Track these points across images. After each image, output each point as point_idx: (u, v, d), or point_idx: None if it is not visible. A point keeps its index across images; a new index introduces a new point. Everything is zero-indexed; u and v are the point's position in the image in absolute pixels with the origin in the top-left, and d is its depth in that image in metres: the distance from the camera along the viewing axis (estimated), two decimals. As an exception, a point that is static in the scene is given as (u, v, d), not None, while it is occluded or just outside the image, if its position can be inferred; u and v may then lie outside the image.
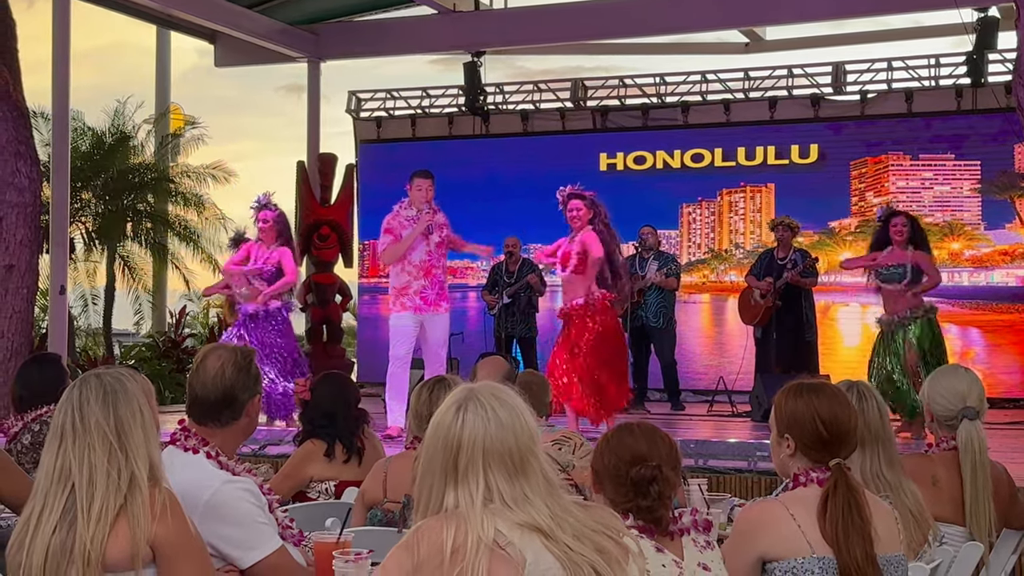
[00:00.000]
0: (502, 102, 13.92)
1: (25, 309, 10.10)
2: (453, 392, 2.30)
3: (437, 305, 8.72)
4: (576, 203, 8.36)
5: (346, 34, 13.87)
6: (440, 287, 8.75)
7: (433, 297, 8.69)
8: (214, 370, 3.23)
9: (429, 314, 8.69)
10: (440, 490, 2.22)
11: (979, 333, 12.15)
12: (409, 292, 8.67)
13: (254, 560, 3.09)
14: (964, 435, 3.89)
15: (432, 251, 8.67)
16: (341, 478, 4.85)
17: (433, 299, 8.69)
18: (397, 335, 8.78)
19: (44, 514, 2.75)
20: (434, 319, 8.72)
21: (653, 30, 13.28)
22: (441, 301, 8.76)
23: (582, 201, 8.35)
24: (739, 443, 7.74)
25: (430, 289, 8.67)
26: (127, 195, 16.32)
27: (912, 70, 12.35)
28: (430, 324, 8.72)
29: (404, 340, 8.76)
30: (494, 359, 5.50)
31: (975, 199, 12.16)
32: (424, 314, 8.68)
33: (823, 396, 2.99)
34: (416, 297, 8.66)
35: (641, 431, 2.82)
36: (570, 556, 2.17)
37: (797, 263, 10.17)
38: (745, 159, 12.88)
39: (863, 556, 2.82)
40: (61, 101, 10.91)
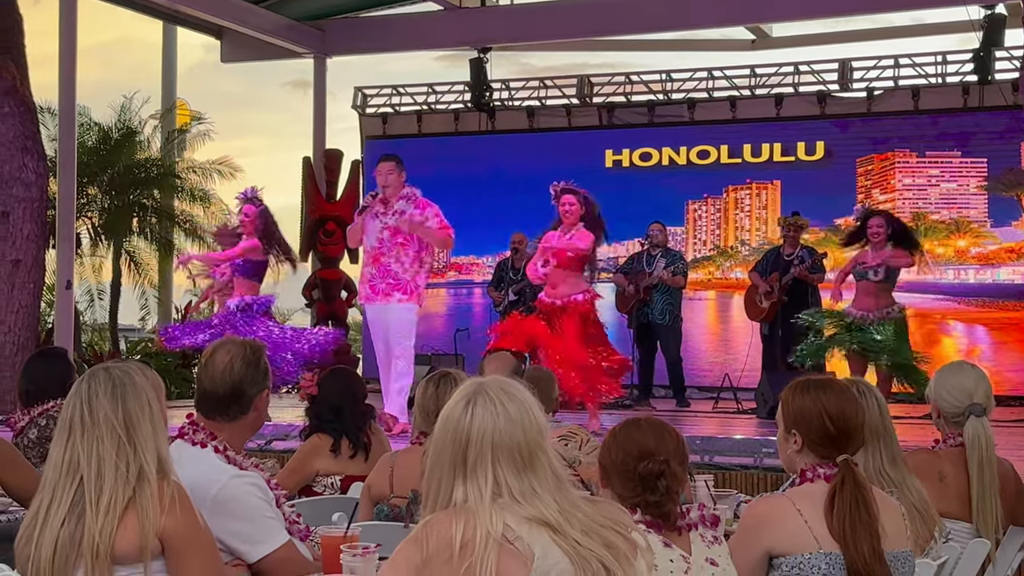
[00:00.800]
0: (508, 98, 13.91)
1: (32, 304, 10.13)
2: (462, 386, 2.31)
3: (387, 295, 8.25)
4: (569, 198, 8.31)
5: (352, 30, 13.86)
6: (391, 277, 8.25)
7: (383, 287, 8.26)
8: (223, 365, 3.23)
9: (379, 304, 8.28)
10: (449, 484, 2.22)
11: (985, 331, 12.14)
12: (363, 280, 8.43)
13: (261, 554, 3.10)
14: (971, 432, 3.89)
15: (384, 239, 8.24)
16: (347, 473, 4.85)
17: (382, 289, 8.26)
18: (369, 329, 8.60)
19: (52, 507, 2.75)
20: (385, 310, 8.28)
21: (659, 27, 13.28)
22: (393, 291, 8.23)
23: (575, 196, 8.31)
24: (745, 439, 7.73)
25: (378, 278, 8.27)
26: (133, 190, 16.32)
27: (919, 67, 12.33)
28: (383, 315, 8.31)
29: (374, 334, 8.47)
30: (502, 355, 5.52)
31: (981, 196, 12.15)
32: (371, 304, 8.34)
33: (830, 392, 2.99)
34: (365, 286, 8.39)
35: (649, 426, 2.82)
36: (578, 551, 2.17)
37: (804, 260, 10.17)
38: (751, 156, 12.88)
39: (870, 552, 2.82)
40: (68, 96, 10.91)
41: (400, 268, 8.27)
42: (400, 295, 8.25)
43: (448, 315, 14.04)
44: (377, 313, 8.38)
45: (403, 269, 8.27)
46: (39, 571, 2.73)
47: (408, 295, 8.26)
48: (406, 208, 8.26)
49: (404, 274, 8.26)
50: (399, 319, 8.31)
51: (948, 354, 11.46)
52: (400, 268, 8.27)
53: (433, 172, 12.99)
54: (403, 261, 8.26)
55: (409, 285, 8.26)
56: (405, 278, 8.26)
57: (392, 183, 8.25)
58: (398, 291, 8.25)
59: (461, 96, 13.97)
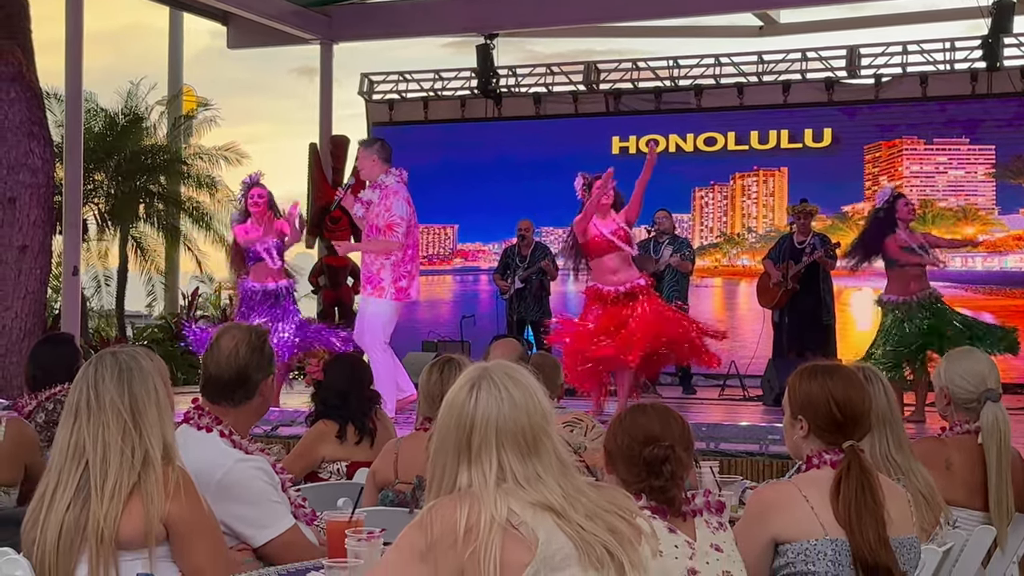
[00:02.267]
0: (514, 85, 13.88)
1: (38, 290, 10.13)
2: (466, 371, 2.30)
3: (364, 287, 8.33)
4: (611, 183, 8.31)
5: (358, 16, 13.84)
6: (365, 268, 8.25)
7: (363, 278, 8.34)
8: (228, 350, 3.24)
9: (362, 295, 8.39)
10: (453, 469, 2.22)
11: (992, 318, 12.10)
12: None
13: (267, 538, 3.10)
14: (990, 417, 3.87)
15: (365, 230, 8.26)
16: (353, 459, 4.86)
17: (363, 280, 8.34)
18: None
19: (58, 491, 2.76)
20: (363, 300, 8.37)
21: (666, 13, 13.24)
22: (367, 284, 8.22)
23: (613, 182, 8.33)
24: (751, 426, 7.73)
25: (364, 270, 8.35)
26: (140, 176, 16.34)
27: (927, 54, 12.28)
28: (362, 304, 8.38)
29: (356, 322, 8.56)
30: (507, 341, 5.50)
31: (989, 184, 12.11)
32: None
33: (837, 378, 2.98)
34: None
35: (654, 411, 2.81)
36: (583, 536, 2.17)
37: (816, 247, 10.13)
38: (758, 143, 12.85)
39: (876, 538, 2.81)
40: (74, 82, 10.92)
41: (369, 259, 8.23)
42: (370, 287, 8.18)
43: (454, 302, 14.05)
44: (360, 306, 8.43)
45: (370, 260, 8.21)
46: (44, 555, 2.74)
47: (374, 288, 8.14)
48: (373, 198, 8.15)
49: (371, 265, 8.17)
50: (367, 311, 8.28)
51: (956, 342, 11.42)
52: (369, 259, 8.23)
53: (439, 159, 13.01)
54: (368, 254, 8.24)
55: (374, 278, 8.15)
56: (372, 270, 8.16)
57: (366, 170, 8.15)
58: (368, 284, 8.21)
59: (468, 83, 13.95)
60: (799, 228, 10.37)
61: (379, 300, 8.13)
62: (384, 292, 8.11)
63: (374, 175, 8.19)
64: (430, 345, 12.33)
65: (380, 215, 8.07)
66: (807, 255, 10.11)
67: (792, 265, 10.18)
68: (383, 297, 8.13)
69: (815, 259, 10.04)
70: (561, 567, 2.14)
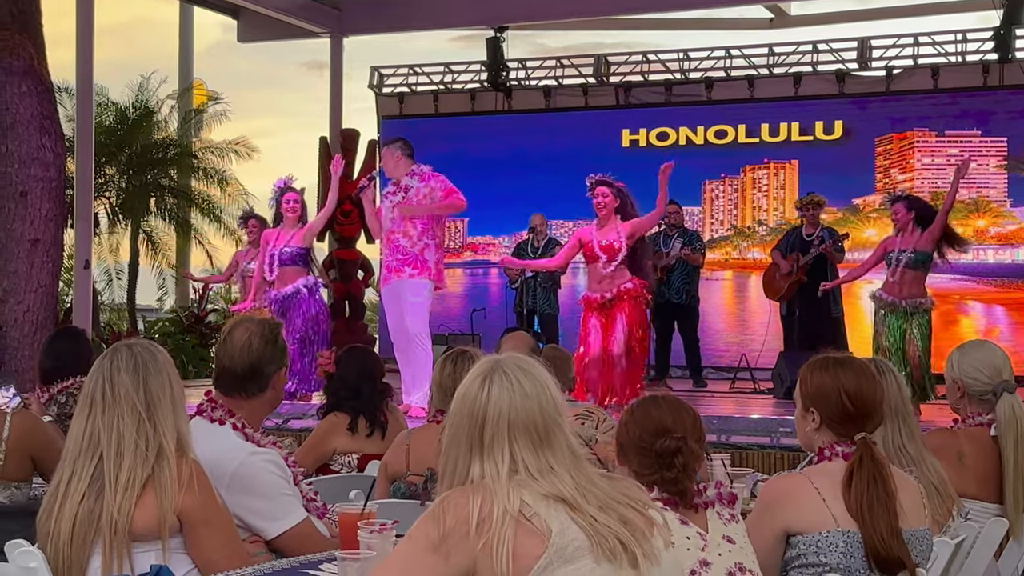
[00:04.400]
0: (525, 78, 13.88)
1: (50, 283, 10.16)
2: (478, 363, 2.30)
3: (399, 272, 8.22)
4: (603, 189, 8.20)
5: (368, 9, 13.83)
6: (400, 252, 8.21)
7: (394, 264, 8.26)
8: (241, 342, 3.24)
9: (394, 282, 8.26)
10: (466, 461, 2.22)
11: (1004, 311, 12.09)
12: (381, 266, 8.48)
13: (280, 531, 3.11)
14: (1006, 408, 3.86)
15: (395, 217, 8.23)
16: (364, 451, 4.86)
17: (394, 266, 8.26)
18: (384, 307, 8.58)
19: (72, 482, 2.77)
20: (400, 286, 8.25)
21: (677, 5, 13.23)
22: (403, 267, 8.19)
23: (609, 188, 8.21)
24: (762, 419, 7.73)
25: (389, 256, 8.29)
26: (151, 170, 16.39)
27: (939, 45, 12.24)
28: (399, 291, 8.27)
29: (389, 312, 8.46)
30: (519, 334, 5.50)
31: (1001, 176, 12.07)
32: (389, 284, 8.33)
33: (849, 370, 2.98)
34: (384, 267, 8.42)
35: (666, 403, 2.81)
36: (595, 527, 2.17)
37: (825, 240, 10.10)
38: (769, 135, 12.82)
39: (888, 530, 2.81)
40: (85, 76, 10.93)
41: (408, 242, 8.21)
42: (410, 270, 8.18)
43: (465, 295, 14.05)
44: (389, 292, 8.34)
45: (410, 243, 8.20)
46: (58, 546, 2.75)
47: (418, 269, 8.18)
48: (412, 184, 8.22)
49: (412, 248, 8.19)
50: (411, 293, 8.23)
51: (967, 334, 11.43)
52: (408, 242, 8.21)
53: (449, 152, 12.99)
54: (411, 235, 8.20)
55: (418, 259, 8.18)
56: (413, 252, 8.18)
57: (390, 168, 8.24)
58: (407, 266, 8.19)
59: (478, 76, 13.94)
60: (808, 220, 10.34)
61: (422, 280, 8.18)
62: (430, 272, 8.19)
63: (399, 172, 8.27)
64: (440, 338, 12.32)
65: (431, 192, 8.16)
66: (815, 247, 10.08)
67: (800, 256, 10.16)
68: (429, 277, 8.20)
69: (822, 251, 10.01)
70: (574, 559, 2.14)
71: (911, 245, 8.57)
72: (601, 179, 8.21)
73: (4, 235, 9.98)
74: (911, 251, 8.54)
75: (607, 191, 8.10)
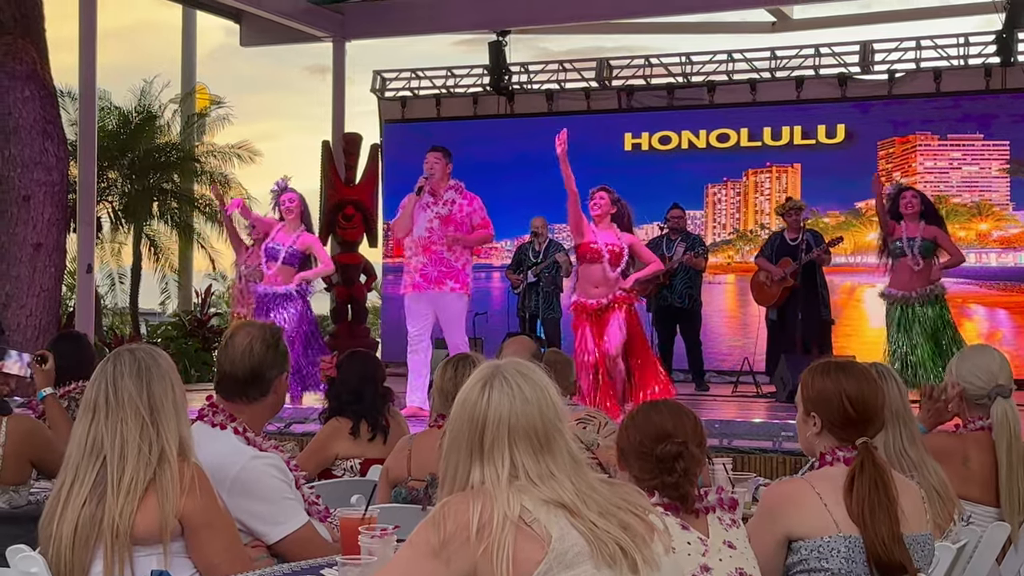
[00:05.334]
0: (527, 82, 13.89)
1: (53, 287, 10.18)
2: (479, 368, 2.30)
3: (440, 283, 8.35)
4: (602, 194, 8.23)
5: (371, 13, 13.85)
6: (444, 264, 8.36)
7: (434, 275, 8.36)
8: (242, 347, 3.24)
9: (432, 292, 8.37)
10: (466, 467, 2.22)
11: (1007, 314, 12.08)
12: (411, 269, 8.49)
13: (281, 535, 3.11)
14: (999, 413, 3.88)
15: (433, 227, 8.33)
16: (366, 456, 4.86)
17: (434, 277, 8.36)
18: (408, 313, 8.63)
19: (75, 487, 2.77)
20: (439, 298, 8.39)
21: (679, 9, 13.23)
22: (445, 279, 8.36)
23: (608, 194, 8.25)
24: (764, 423, 7.72)
25: (430, 266, 8.36)
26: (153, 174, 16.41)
27: (941, 49, 12.24)
28: (436, 303, 8.41)
29: (412, 319, 8.54)
30: (520, 339, 5.50)
31: (1003, 179, 12.07)
32: (424, 292, 8.40)
33: (850, 375, 2.98)
34: (416, 275, 8.44)
35: (667, 408, 2.81)
36: (595, 533, 2.17)
37: (811, 243, 10.07)
38: (771, 139, 12.83)
39: (889, 535, 2.81)
40: (88, 80, 10.94)
41: (452, 256, 8.41)
42: (452, 283, 8.40)
43: (467, 299, 14.04)
44: (426, 301, 8.45)
45: (454, 257, 8.42)
46: (60, 550, 2.75)
47: (460, 284, 8.44)
48: (455, 198, 8.45)
49: (455, 262, 8.42)
50: (454, 308, 8.48)
51: (969, 338, 11.39)
52: (452, 256, 8.41)
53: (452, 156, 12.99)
54: (455, 249, 8.41)
55: (460, 274, 8.44)
56: (456, 266, 8.42)
57: (437, 172, 8.40)
58: (450, 279, 8.39)
59: (480, 80, 13.96)
60: (790, 225, 10.32)
61: (463, 295, 8.50)
62: (468, 288, 8.53)
63: (443, 180, 8.48)
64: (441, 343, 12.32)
65: (471, 215, 8.46)
66: (803, 252, 10.04)
67: (790, 262, 10.14)
68: (467, 292, 8.54)
69: (813, 257, 10.00)
70: (574, 564, 2.14)
71: (918, 234, 8.60)
72: (603, 187, 8.27)
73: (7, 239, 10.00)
74: (919, 239, 8.57)
75: (605, 196, 8.16)
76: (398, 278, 14.75)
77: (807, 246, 10.04)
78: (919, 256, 8.59)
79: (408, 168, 14.15)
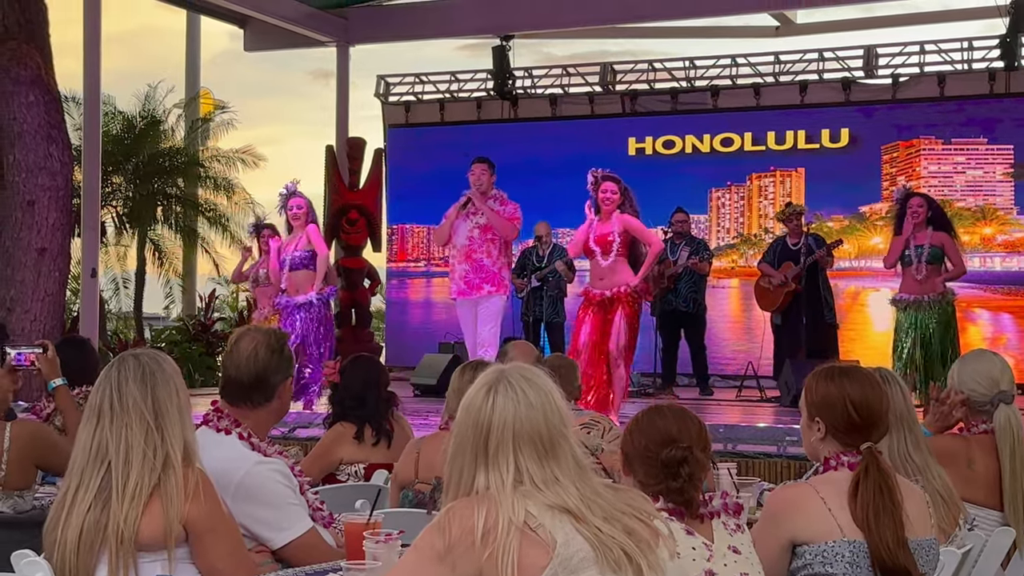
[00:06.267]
0: (531, 86, 13.90)
1: (57, 292, 10.19)
2: (483, 374, 2.30)
3: (479, 288, 8.70)
4: (611, 185, 8.25)
5: (375, 18, 13.88)
6: (483, 271, 8.71)
7: (476, 281, 8.70)
8: (247, 352, 3.24)
9: (475, 297, 8.72)
10: (471, 472, 2.23)
11: (1011, 319, 12.06)
12: (455, 277, 8.82)
13: (286, 540, 3.11)
14: (1002, 419, 3.87)
15: (474, 236, 8.67)
16: (370, 460, 4.86)
17: (475, 283, 8.70)
18: (461, 322, 9.02)
19: (80, 492, 2.78)
20: (479, 301, 8.72)
21: (683, 13, 13.23)
22: (484, 284, 8.71)
23: (616, 184, 8.27)
24: (768, 428, 7.72)
25: (471, 273, 8.69)
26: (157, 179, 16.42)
27: (944, 53, 12.24)
28: (477, 306, 8.75)
29: (465, 328, 8.93)
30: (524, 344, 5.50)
31: (1008, 183, 12.05)
32: (469, 298, 8.73)
33: (854, 380, 2.98)
34: (461, 282, 8.77)
35: (671, 413, 2.81)
36: (600, 538, 2.17)
37: (812, 247, 10.07)
38: (775, 143, 12.82)
39: (894, 540, 2.80)
40: (92, 85, 10.96)
41: (490, 262, 8.74)
42: (489, 287, 8.72)
43: (471, 303, 14.04)
44: (469, 305, 8.80)
45: (492, 262, 8.75)
46: (64, 556, 2.75)
47: (496, 286, 8.75)
48: (496, 207, 8.74)
49: (492, 267, 8.74)
50: (491, 307, 8.76)
51: (974, 342, 11.38)
52: (490, 262, 8.74)
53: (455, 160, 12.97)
54: (492, 254, 8.72)
55: (496, 277, 8.76)
56: (493, 271, 8.74)
57: (484, 182, 8.71)
58: (488, 283, 8.72)
59: (484, 84, 13.97)
60: (791, 230, 10.31)
61: (502, 296, 8.85)
62: (506, 288, 8.87)
63: (490, 187, 8.77)
64: (447, 347, 12.33)
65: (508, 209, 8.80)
66: (804, 256, 10.03)
67: (792, 266, 10.14)
68: (505, 292, 8.88)
69: (816, 259, 9.99)
70: (579, 569, 2.14)
71: (926, 241, 8.59)
72: (607, 175, 8.28)
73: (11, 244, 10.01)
74: (927, 246, 8.57)
75: (615, 187, 8.17)
76: (402, 283, 14.86)
77: (808, 250, 10.04)
78: (925, 264, 8.58)
79: (412, 172, 14.22)
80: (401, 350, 13.85)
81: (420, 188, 13.89)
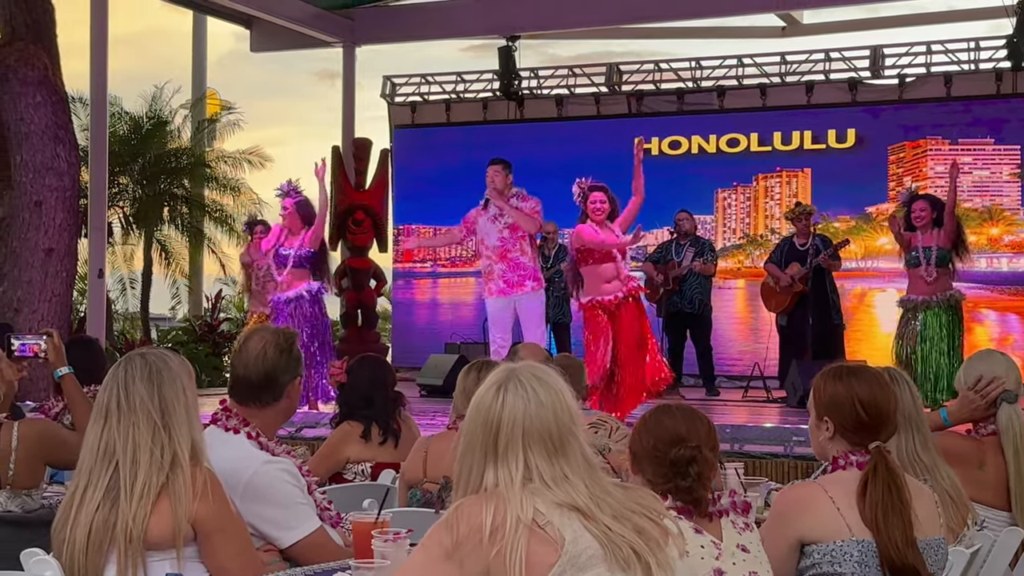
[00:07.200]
0: (537, 87, 13.90)
1: (64, 292, 10.20)
2: (493, 372, 2.30)
3: (520, 285, 8.76)
4: (600, 195, 8.35)
5: (381, 19, 13.89)
6: (521, 268, 8.79)
7: (515, 279, 8.76)
8: (256, 351, 3.25)
9: (516, 294, 8.76)
10: (480, 469, 2.23)
11: (1018, 319, 12.04)
12: (494, 276, 8.84)
13: (294, 540, 3.11)
14: (1004, 418, 3.88)
15: (505, 236, 8.74)
16: (377, 460, 4.86)
17: (515, 281, 8.77)
18: (493, 321, 8.99)
19: (88, 492, 2.78)
20: (523, 299, 8.79)
21: (689, 14, 13.23)
22: (526, 280, 8.79)
23: (604, 194, 8.36)
24: (775, 428, 7.71)
25: (509, 272, 8.75)
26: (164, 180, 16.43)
27: (951, 54, 12.22)
28: (520, 305, 8.81)
29: (497, 326, 8.93)
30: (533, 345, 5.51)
31: (1015, 184, 12.04)
32: (511, 296, 8.77)
33: (863, 379, 2.98)
34: (500, 280, 8.80)
35: (680, 412, 2.81)
36: (609, 536, 2.17)
37: (819, 248, 10.06)
38: (781, 144, 12.81)
39: (903, 539, 2.80)
40: (99, 86, 10.98)
41: (526, 259, 8.84)
42: (532, 283, 8.83)
43: (477, 304, 14.03)
44: (521, 303, 8.84)
45: (528, 260, 8.86)
46: (73, 555, 2.76)
47: (537, 282, 8.90)
48: (519, 204, 8.86)
49: (529, 263, 8.86)
50: (533, 307, 8.87)
51: (980, 342, 11.37)
52: (526, 259, 8.84)
53: (461, 161, 13.00)
54: (527, 252, 8.84)
55: (535, 273, 8.91)
56: (531, 267, 8.86)
57: (499, 184, 8.83)
58: (529, 279, 8.82)
59: (490, 85, 13.97)
60: (799, 230, 10.30)
61: (540, 291, 8.96)
62: (542, 282, 9.02)
63: (506, 187, 8.91)
64: (453, 347, 12.34)
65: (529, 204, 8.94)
66: (811, 257, 10.03)
67: (798, 267, 10.12)
68: (543, 285, 9.01)
69: (819, 262, 9.98)
70: (587, 567, 2.14)
71: (933, 243, 8.57)
72: (594, 184, 8.37)
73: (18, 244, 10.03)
74: (935, 248, 8.55)
75: (603, 197, 8.28)
76: (408, 283, 14.86)
77: (815, 251, 10.03)
78: (934, 266, 8.57)
79: (418, 173, 14.22)
80: (407, 351, 13.84)
81: (426, 189, 13.90)
